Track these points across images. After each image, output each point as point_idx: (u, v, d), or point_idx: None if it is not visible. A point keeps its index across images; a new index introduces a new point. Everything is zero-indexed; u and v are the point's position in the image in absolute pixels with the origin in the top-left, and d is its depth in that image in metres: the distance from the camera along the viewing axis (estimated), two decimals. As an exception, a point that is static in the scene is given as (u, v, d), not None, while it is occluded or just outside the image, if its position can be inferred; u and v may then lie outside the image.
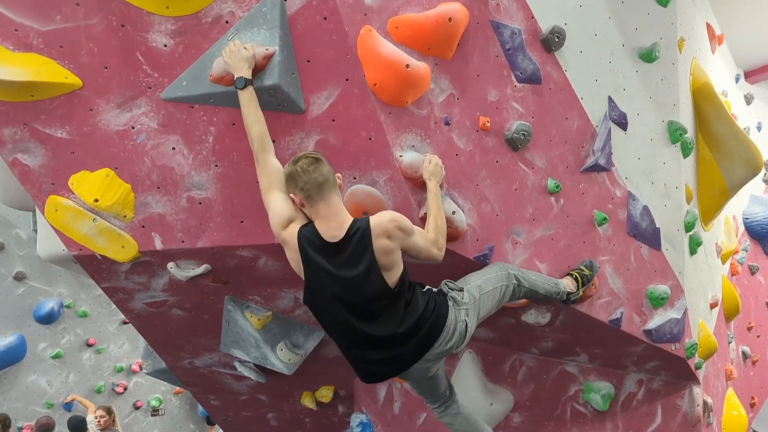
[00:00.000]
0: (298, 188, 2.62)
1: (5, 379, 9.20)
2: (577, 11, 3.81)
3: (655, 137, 4.23)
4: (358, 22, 2.90)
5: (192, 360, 4.02)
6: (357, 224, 2.65)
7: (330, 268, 2.62)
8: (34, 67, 2.80)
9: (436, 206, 2.95)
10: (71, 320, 9.90)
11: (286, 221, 2.65)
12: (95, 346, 10.15)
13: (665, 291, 4.09)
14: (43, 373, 9.62)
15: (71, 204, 2.93)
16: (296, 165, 2.63)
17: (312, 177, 2.59)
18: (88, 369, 10.11)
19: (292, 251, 2.66)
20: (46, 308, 9.58)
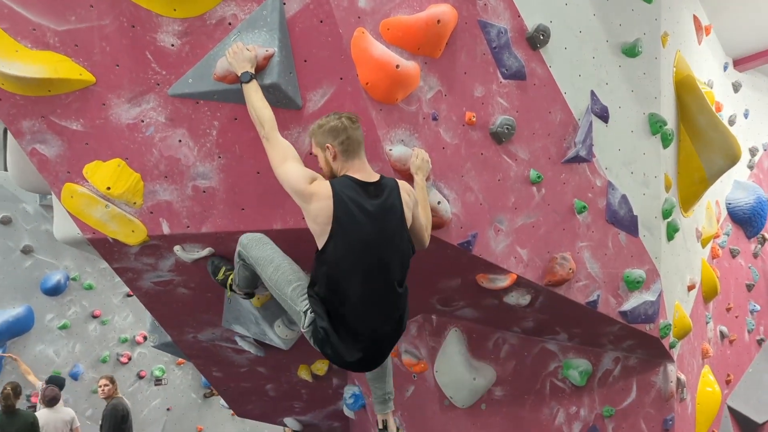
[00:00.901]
0: (338, 141, 2.76)
1: (14, 349, 9.52)
2: (563, 9, 4.00)
3: (635, 129, 4.45)
4: (352, 25, 3.11)
5: (196, 334, 4.31)
6: (387, 179, 2.88)
7: (364, 206, 2.72)
8: (50, 65, 3.01)
9: (423, 198, 3.19)
10: (77, 292, 10.20)
11: (311, 178, 2.75)
12: (100, 317, 10.47)
13: (641, 275, 4.35)
14: (50, 343, 9.94)
15: (85, 191, 3.17)
16: (341, 119, 2.78)
17: (355, 134, 2.79)
18: (94, 339, 10.44)
19: (321, 203, 2.68)
20: (52, 281, 9.88)
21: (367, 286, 2.76)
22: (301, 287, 2.85)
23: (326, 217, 2.70)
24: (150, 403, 11.11)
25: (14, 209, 9.59)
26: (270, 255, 2.95)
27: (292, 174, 2.78)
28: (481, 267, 3.71)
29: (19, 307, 9.58)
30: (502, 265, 3.71)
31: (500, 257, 3.70)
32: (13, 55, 2.98)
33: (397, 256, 2.86)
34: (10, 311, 9.50)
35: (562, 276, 3.89)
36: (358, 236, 2.72)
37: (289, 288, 2.86)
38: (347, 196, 2.72)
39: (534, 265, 3.87)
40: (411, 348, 4.27)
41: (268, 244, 3.01)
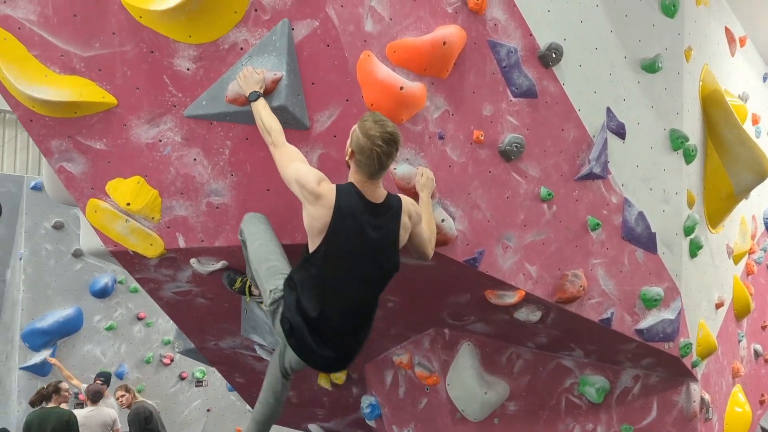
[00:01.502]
0: (357, 157, 2.79)
1: (64, 347, 9.99)
2: (577, 27, 4.02)
3: (655, 145, 4.41)
4: (358, 48, 3.21)
5: (217, 342, 4.49)
6: (392, 198, 2.96)
7: (363, 225, 2.81)
8: (76, 88, 3.23)
9: (428, 213, 3.27)
10: (123, 295, 10.62)
11: (320, 179, 2.83)
12: (145, 319, 10.87)
13: (658, 293, 4.31)
14: (97, 343, 10.39)
15: (108, 207, 3.37)
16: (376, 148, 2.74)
17: (383, 163, 2.80)
18: (138, 341, 10.85)
19: (323, 206, 2.78)
20: (101, 283, 10.33)
21: (345, 297, 2.90)
22: (275, 268, 2.99)
23: (323, 225, 2.80)
24: (191, 404, 11.45)
25: (66, 215, 10.07)
26: (260, 232, 3.12)
27: (300, 172, 2.85)
28: (488, 283, 3.75)
29: (70, 308, 10.06)
30: (510, 281, 3.74)
31: (508, 274, 3.74)
32: (43, 80, 3.21)
33: (380, 274, 2.99)
34: (61, 312, 9.98)
35: (572, 293, 3.89)
36: (348, 251, 2.83)
37: (265, 265, 3.01)
38: (348, 210, 2.80)
39: (544, 282, 3.89)
40: (424, 360, 4.33)
41: (263, 224, 3.16)
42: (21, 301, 9.75)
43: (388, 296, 3.98)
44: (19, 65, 3.19)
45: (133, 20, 3.16)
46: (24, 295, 9.75)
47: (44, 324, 9.69)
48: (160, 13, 3.08)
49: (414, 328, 4.33)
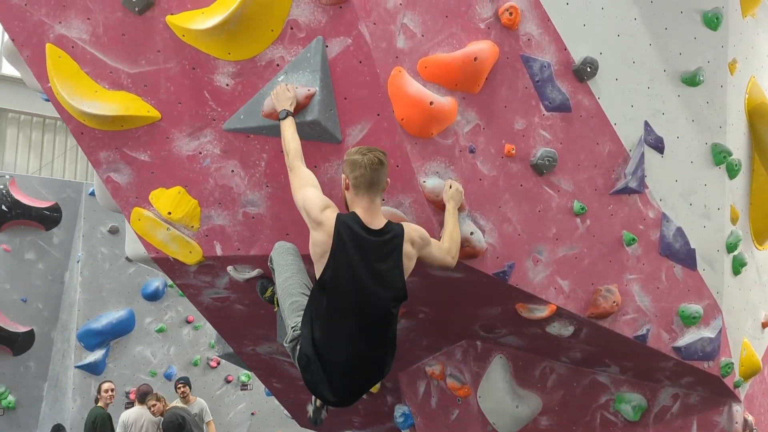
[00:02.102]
0: (353, 174, 2.90)
1: (117, 348, 10.40)
2: (614, 40, 3.99)
3: (696, 160, 4.32)
4: (390, 64, 3.30)
5: (254, 348, 4.62)
6: (392, 226, 2.99)
7: (363, 252, 2.84)
8: (123, 103, 3.42)
9: (452, 221, 3.31)
10: (173, 298, 10.99)
11: (324, 206, 2.91)
12: (193, 323, 11.21)
13: (697, 310, 4.21)
14: (148, 345, 10.77)
15: (150, 215, 3.55)
16: (364, 157, 2.88)
17: (371, 174, 2.89)
18: (187, 343, 11.19)
19: (324, 233, 2.84)
20: (152, 287, 10.73)
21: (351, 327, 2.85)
22: (298, 304, 2.98)
23: (323, 251, 2.87)
24: (236, 407, 11.72)
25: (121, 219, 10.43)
26: (288, 264, 3.13)
27: (307, 199, 2.95)
28: (519, 296, 3.76)
29: (123, 310, 10.47)
30: (541, 295, 3.74)
31: (538, 287, 3.73)
32: (93, 95, 3.41)
33: (386, 303, 2.92)
34: (115, 314, 10.40)
35: (605, 309, 3.85)
36: (350, 278, 2.83)
37: (289, 300, 3.02)
38: (348, 236, 2.83)
39: (576, 296, 3.87)
40: (456, 372, 4.36)
41: (292, 254, 3.19)
42: (78, 302, 10.21)
43: (419, 307, 4.05)
44: (72, 81, 3.40)
45: (176, 38, 3.33)
46: (80, 296, 10.22)
47: (98, 325, 10.12)
48: (202, 32, 3.24)
49: (446, 339, 4.37)
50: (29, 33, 3.37)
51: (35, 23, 3.36)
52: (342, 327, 2.84)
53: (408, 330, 4.25)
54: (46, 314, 10.73)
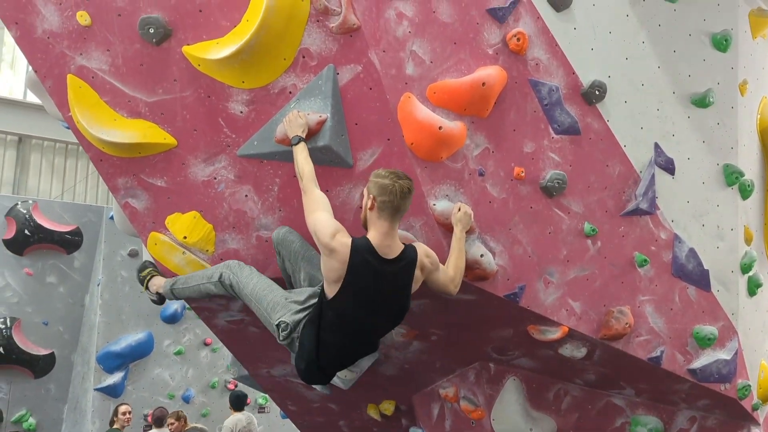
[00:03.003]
0: (380, 199, 2.96)
1: (135, 371, 10.47)
2: (622, 63, 4.04)
3: (707, 180, 4.33)
4: (399, 90, 3.37)
5: (269, 370, 4.66)
6: (407, 252, 3.09)
7: (377, 283, 3.00)
8: (141, 131, 3.52)
9: (458, 248, 3.35)
10: (191, 321, 11.05)
11: (334, 232, 2.96)
12: (211, 345, 11.26)
13: (712, 332, 4.18)
14: (166, 367, 10.83)
15: (167, 239, 3.63)
16: (395, 184, 2.95)
17: (398, 202, 2.97)
18: (205, 366, 11.24)
19: (338, 261, 2.93)
20: (171, 309, 10.80)
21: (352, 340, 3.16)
22: (274, 302, 3.24)
23: (337, 277, 2.96)
24: (253, 430, 11.70)
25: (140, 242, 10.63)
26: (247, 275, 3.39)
27: (318, 223, 3.01)
28: (530, 318, 3.77)
29: (141, 332, 10.57)
30: (552, 317, 3.74)
31: (550, 309, 3.74)
32: (112, 124, 3.52)
33: (389, 321, 3.24)
34: (134, 336, 10.49)
35: (618, 330, 3.85)
36: (361, 305, 3.04)
37: (265, 301, 3.27)
38: (363, 269, 2.95)
39: (588, 318, 3.87)
40: (469, 394, 4.35)
41: (246, 267, 3.45)
42: (97, 325, 10.33)
43: (431, 329, 4.07)
44: (92, 110, 3.51)
45: (192, 68, 3.44)
46: (100, 319, 10.33)
47: (118, 347, 10.22)
48: (217, 62, 3.34)
49: (459, 362, 4.38)
50: (51, 65, 3.50)
51: (57, 55, 3.49)
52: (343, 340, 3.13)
53: (420, 352, 4.27)
54: (66, 337, 10.86)
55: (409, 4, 3.41)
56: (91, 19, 3.43)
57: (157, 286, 3.72)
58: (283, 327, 3.16)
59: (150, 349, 10.65)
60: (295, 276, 3.45)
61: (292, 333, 3.16)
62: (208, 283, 3.48)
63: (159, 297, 3.76)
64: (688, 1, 4.25)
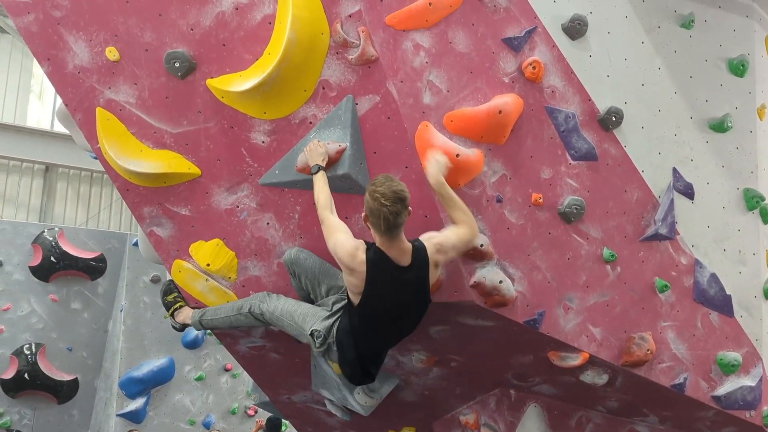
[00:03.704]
0: (371, 220, 3.06)
1: (157, 396, 10.53)
2: (638, 90, 4.07)
3: (727, 205, 4.31)
4: (417, 119, 3.43)
5: (289, 396, 4.69)
6: (417, 256, 3.14)
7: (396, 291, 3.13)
8: (166, 161, 3.62)
9: (448, 196, 3.26)
10: (212, 347, 11.13)
11: (353, 251, 3.07)
12: (232, 371, 11.30)
13: (736, 358, 4.13)
14: (187, 393, 10.88)
15: (190, 267, 3.70)
16: (383, 207, 2.95)
17: (391, 222, 3.00)
18: (225, 391, 11.27)
19: (358, 279, 3.08)
20: (192, 335, 10.88)
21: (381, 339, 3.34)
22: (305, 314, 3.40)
23: (359, 290, 3.15)
24: (273, 456, 11.65)
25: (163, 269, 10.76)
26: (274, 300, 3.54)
27: (337, 243, 3.12)
28: (551, 345, 3.77)
29: (163, 358, 10.65)
30: (573, 343, 3.73)
31: (570, 335, 3.74)
32: (138, 155, 3.62)
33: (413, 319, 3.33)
34: (156, 362, 10.58)
35: (639, 357, 3.82)
36: (382, 313, 3.20)
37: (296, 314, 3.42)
38: (381, 281, 3.09)
39: (609, 344, 3.85)
40: (490, 422, 4.33)
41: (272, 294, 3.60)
42: (120, 351, 10.44)
43: (451, 356, 4.08)
44: (119, 142, 3.63)
45: (215, 100, 3.54)
46: (123, 344, 10.44)
47: (140, 373, 10.29)
48: (240, 94, 3.43)
49: (479, 388, 4.36)
50: (81, 98, 3.62)
51: (87, 89, 3.62)
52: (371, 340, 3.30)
53: (441, 379, 4.27)
54: (90, 363, 10.98)
55: (426, 35, 3.49)
56: (119, 54, 3.56)
57: (184, 317, 3.80)
58: (317, 335, 3.28)
59: (171, 375, 10.71)
60: (315, 291, 3.54)
61: (327, 339, 3.28)
62: (237, 315, 3.59)
63: (181, 326, 3.82)
64: (704, 28, 4.29)
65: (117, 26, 3.55)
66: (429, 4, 3.44)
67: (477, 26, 3.58)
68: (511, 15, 3.66)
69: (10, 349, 10.45)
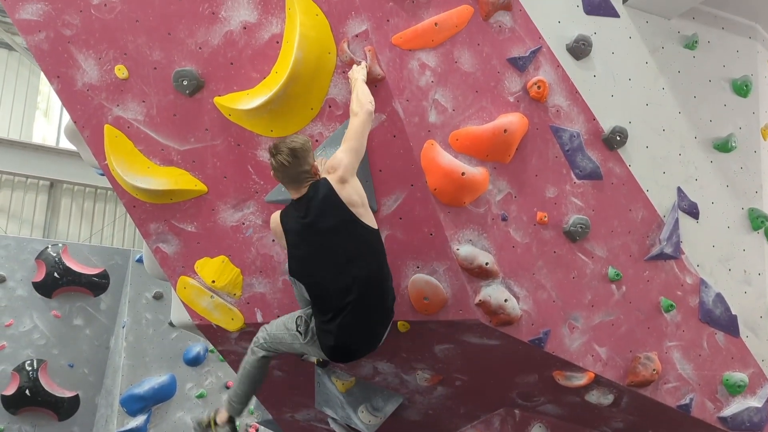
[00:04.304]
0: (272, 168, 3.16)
1: (158, 414, 10.44)
2: (643, 109, 4.09)
3: (732, 225, 4.31)
4: (422, 138, 3.45)
5: (293, 414, 4.66)
6: (314, 184, 3.18)
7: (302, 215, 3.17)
8: (173, 178, 3.64)
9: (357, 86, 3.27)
10: (214, 364, 11.06)
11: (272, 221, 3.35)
12: (233, 388, 11.24)
13: (742, 378, 4.11)
14: (188, 411, 10.78)
15: (195, 284, 3.71)
16: (272, 159, 3.13)
17: (282, 173, 3.14)
18: (226, 410, 11.19)
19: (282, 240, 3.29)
20: (193, 352, 10.82)
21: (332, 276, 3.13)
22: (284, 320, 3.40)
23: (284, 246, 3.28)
24: (274, 476, 11.56)
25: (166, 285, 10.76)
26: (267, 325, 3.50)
27: None
28: (556, 364, 3.75)
29: (165, 375, 10.59)
30: (578, 362, 3.72)
31: (575, 355, 3.72)
32: (146, 171, 3.64)
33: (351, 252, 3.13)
34: (157, 379, 10.51)
35: (645, 377, 3.80)
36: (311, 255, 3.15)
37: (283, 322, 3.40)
38: (291, 224, 3.19)
39: (614, 364, 3.83)
40: (494, 441, 4.30)
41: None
42: (122, 368, 10.38)
43: (456, 375, 4.06)
44: (127, 159, 3.65)
45: (223, 118, 3.57)
46: (125, 361, 10.38)
47: (141, 390, 10.22)
48: (247, 111, 3.46)
49: (484, 408, 4.33)
50: (90, 115, 3.66)
51: (95, 106, 3.65)
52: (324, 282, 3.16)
53: (445, 398, 4.25)
54: (91, 379, 10.92)
55: (432, 54, 3.52)
56: (128, 72, 3.60)
57: (222, 415, 3.61)
58: (299, 322, 3.26)
59: (173, 392, 10.63)
60: None
61: (309, 325, 3.24)
62: (248, 357, 3.47)
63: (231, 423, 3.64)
64: (707, 48, 4.32)
65: (126, 45, 3.59)
66: (435, 25, 3.48)
67: (482, 46, 3.61)
68: (516, 35, 3.69)
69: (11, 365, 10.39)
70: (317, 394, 4.30)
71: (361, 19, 3.39)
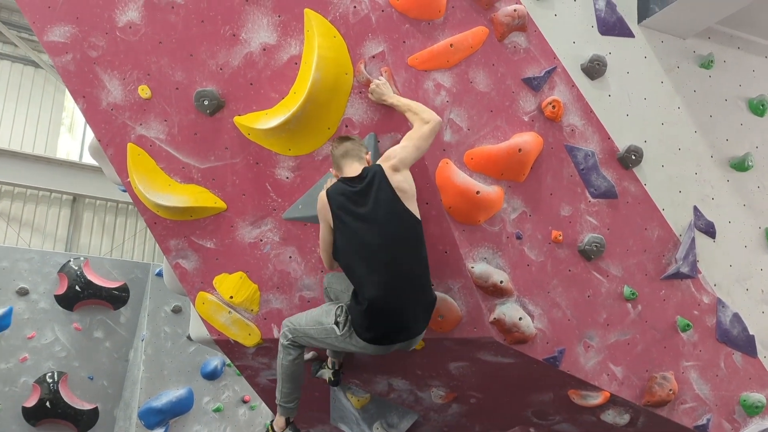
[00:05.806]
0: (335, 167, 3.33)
1: (175, 427, 10.51)
2: (658, 129, 4.10)
3: (750, 244, 4.29)
4: (437, 156, 3.50)
5: (308, 429, 4.68)
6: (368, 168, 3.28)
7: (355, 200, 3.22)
8: (193, 195, 3.72)
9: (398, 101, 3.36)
10: (231, 378, 11.12)
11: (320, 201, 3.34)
12: (249, 402, 11.27)
13: (760, 399, 4.07)
14: (205, 425, 10.84)
15: (214, 299, 3.77)
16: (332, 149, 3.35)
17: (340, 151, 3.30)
18: (243, 424, 11.21)
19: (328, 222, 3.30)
20: (211, 366, 10.90)
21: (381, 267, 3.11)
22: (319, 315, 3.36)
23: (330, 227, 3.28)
24: (289, 491, 11.52)
25: (184, 300, 10.88)
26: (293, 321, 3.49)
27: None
28: (571, 383, 3.74)
29: (182, 388, 10.67)
30: (593, 382, 3.71)
31: (591, 374, 3.71)
32: (167, 189, 3.73)
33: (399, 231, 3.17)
34: (175, 392, 10.59)
35: (661, 397, 3.78)
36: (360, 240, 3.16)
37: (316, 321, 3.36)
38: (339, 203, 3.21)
39: (630, 383, 3.82)
40: (509, 460, 4.29)
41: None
42: (140, 380, 10.48)
43: (470, 392, 4.07)
44: (149, 176, 3.74)
45: (242, 136, 3.65)
46: (143, 374, 10.49)
47: (159, 403, 10.30)
48: (266, 131, 3.54)
49: (499, 426, 4.33)
50: (114, 134, 3.76)
51: (119, 125, 3.75)
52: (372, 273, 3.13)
53: (459, 415, 4.25)
54: (110, 392, 11.03)
55: (447, 75, 3.58)
56: (151, 92, 3.70)
57: (279, 421, 3.67)
58: (338, 312, 3.24)
59: (190, 406, 10.70)
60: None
61: (348, 316, 3.21)
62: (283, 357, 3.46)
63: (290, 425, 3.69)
64: (723, 68, 4.33)
65: (150, 66, 3.70)
66: (450, 45, 3.54)
67: (497, 66, 3.66)
68: (530, 55, 3.74)
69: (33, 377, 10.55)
70: (332, 410, 4.33)
71: (377, 40, 3.46)
